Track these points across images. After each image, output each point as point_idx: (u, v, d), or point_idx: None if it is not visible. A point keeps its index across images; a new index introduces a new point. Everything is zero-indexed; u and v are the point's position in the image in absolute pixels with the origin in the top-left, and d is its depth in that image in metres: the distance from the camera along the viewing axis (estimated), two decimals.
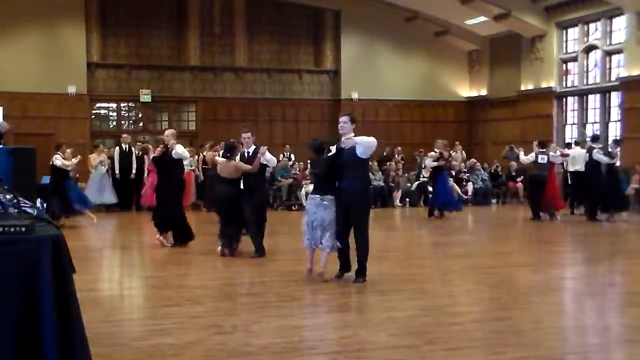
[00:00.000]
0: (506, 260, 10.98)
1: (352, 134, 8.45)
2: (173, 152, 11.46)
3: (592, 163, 16.12)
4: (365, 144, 8.33)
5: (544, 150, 16.70)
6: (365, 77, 25.21)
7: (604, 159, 16.09)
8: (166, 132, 11.93)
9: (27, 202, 4.12)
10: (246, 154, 10.64)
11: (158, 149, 12.05)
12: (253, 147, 10.68)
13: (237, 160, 10.56)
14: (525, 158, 17.04)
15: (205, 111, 24.28)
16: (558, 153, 17.16)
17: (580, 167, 17.16)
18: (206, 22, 24.25)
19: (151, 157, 12.84)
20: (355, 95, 25.18)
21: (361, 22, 25.14)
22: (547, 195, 16.60)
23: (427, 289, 8.17)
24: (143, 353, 5.51)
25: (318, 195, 8.39)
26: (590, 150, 16.27)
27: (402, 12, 25.27)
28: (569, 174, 18.15)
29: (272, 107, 24.84)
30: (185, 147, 16.52)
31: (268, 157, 10.62)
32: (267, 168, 11.57)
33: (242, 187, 10.54)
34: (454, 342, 5.79)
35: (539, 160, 16.57)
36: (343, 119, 8.58)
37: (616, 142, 17.79)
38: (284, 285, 8.35)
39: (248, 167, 10.37)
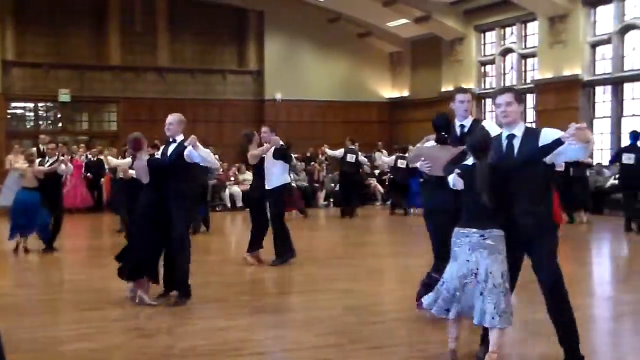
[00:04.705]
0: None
1: (522, 123, 5.07)
2: (186, 152, 7.38)
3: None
4: (591, 143, 4.78)
5: (353, 148, 18.28)
6: (289, 77, 25.25)
7: (365, 161, 18.57)
8: (169, 119, 7.68)
9: None
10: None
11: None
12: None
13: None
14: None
15: (126, 112, 23.83)
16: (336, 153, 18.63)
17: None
18: (127, 21, 23.84)
19: (144, 157, 7.60)
20: (278, 96, 25.20)
21: (285, 23, 25.18)
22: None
23: (352, 288, 8.25)
24: (64, 358, 5.41)
25: (475, 230, 4.93)
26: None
27: (325, 14, 25.43)
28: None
29: (196, 108, 24.52)
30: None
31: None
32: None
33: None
34: (378, 341, 5.88)
35: (348, 159, 18.07)
36: (504, 97, 5.01)
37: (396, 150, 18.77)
38: (207, 287, 8.30)
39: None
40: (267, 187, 9.85)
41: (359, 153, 18.45)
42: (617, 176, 16.29)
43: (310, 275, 9.14)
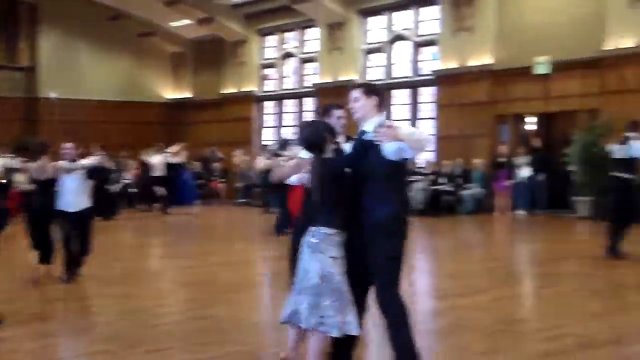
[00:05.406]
0: (207, 259, 11.22)
1: (381, 119, 4.57)
2: None
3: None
4: (410, 139, 4.25)
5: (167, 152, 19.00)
6: (66, 75, 24.19)
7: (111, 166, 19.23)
8: None
9: None
10: None
11: None
12: None
13: None
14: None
15: None
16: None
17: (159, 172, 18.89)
18: None
19: None
20: (53, 95, 23.98)
21: (61, 18, 24.10)
22: None
23: (129, 291, 8.11)
24: None
25: (311, 228, 4.64)
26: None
27: (105, 11, 24.61)
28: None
29: None
30: None
31: None
32: None
33: None
34: (156, 344, 5.82)
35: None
36: (354, 94, 4.64)
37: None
38: None
39: None
40: (72, 209, 8.77)
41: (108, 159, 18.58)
42: None
43: (85, 281, 8.83)
